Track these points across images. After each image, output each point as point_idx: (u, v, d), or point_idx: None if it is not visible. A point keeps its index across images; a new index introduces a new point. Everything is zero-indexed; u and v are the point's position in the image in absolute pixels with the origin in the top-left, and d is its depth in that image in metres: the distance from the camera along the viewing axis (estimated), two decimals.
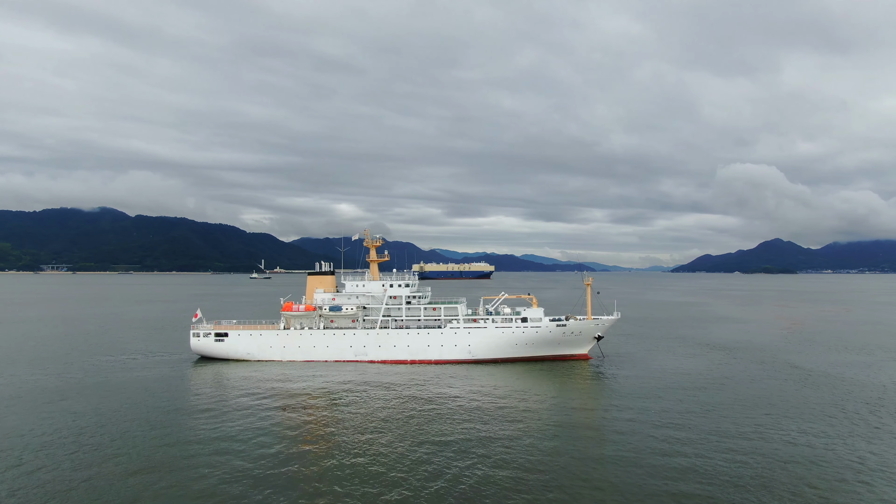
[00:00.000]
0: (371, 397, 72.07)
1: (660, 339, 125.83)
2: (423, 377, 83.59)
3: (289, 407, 66.90)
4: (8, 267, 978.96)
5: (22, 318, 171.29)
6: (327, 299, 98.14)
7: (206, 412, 63.61)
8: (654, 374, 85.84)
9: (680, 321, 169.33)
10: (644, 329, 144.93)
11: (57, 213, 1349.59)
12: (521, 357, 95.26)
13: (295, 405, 67.87)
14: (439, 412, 64.69)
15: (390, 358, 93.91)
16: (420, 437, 54.99)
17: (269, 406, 67.13)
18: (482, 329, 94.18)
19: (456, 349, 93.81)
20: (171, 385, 77.68)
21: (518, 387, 78.51)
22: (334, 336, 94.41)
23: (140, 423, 58.93)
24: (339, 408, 67.03)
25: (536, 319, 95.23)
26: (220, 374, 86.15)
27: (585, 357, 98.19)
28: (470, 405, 68.02)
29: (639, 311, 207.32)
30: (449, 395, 73.05)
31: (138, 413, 63.11)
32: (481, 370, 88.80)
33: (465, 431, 56.70)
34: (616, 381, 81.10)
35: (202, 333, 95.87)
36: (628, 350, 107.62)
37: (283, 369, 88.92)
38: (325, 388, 77.23)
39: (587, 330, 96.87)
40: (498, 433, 56.32)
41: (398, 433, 56.31)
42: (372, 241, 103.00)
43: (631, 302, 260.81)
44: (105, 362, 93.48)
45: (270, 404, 68.00)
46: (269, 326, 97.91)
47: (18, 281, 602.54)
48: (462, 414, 63.93)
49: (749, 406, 66.74)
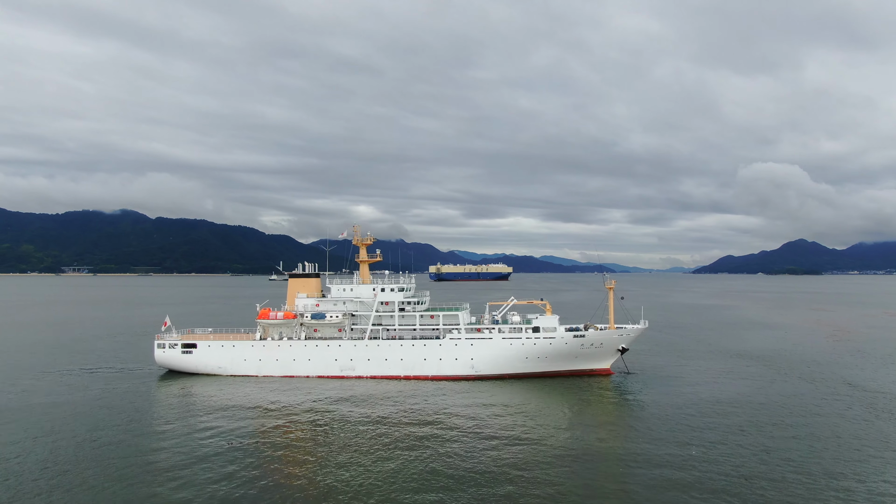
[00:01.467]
0: (356, 420, 61.45)
1: (690, 348, 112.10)
2: (418, 397, 71.49)
3: (260, 432, 56.23)
4: (31, 269, 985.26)
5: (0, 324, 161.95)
6: (310, 305, 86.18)
7: (160, 436, 51.98)
8: (688, 394, 72.62)
9: (709, 327, 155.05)
10: (671, 337, 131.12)
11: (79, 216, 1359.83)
12: (533, 373, 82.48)
13: (267, 429, 57.53)
14: (434, 440, 54.46)
15: (381, 373, 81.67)
16: (411, 469, 46.93)
17: (238, 430, 57.00)
18: (487, 340, 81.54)
19: (457, 363, 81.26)
20: (125, 405, 66.48)
21: (527, 409, 66.53)
22: (317, 348, 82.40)
23: (83, 457, 47.38)
24: (318, 434, 56.64)
25: (550, 329, 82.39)
26: (184, 391, 74.77)
27: (607, 372, 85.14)
28: (470, 431, 57.30)
29: (663, 315, 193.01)
30: (446, 420, 61.59)
31: (82, 441, 52.74)
32: (485, 388, 76.30)
33: (461, 464, 48.13)
34: (644, 405, 68.14)
35: (168, 344, 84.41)
36: (656, 363, 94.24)
37: (257, 386, 77.21)
38: (304, 409, 66.09)
39: (609, 341, 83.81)
40: (500, 467, 47.28)
41: (385, 465, 47.94)
42: (361, 238, 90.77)
43: (654, 305, 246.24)
44: (60, 377, 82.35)
45: (240, 428, 58.08)
46: (245, 336, 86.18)
47: (37, 283, 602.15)
48: (460, 443, 53.50)
49: (815, 445, 53.35)
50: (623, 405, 69.31)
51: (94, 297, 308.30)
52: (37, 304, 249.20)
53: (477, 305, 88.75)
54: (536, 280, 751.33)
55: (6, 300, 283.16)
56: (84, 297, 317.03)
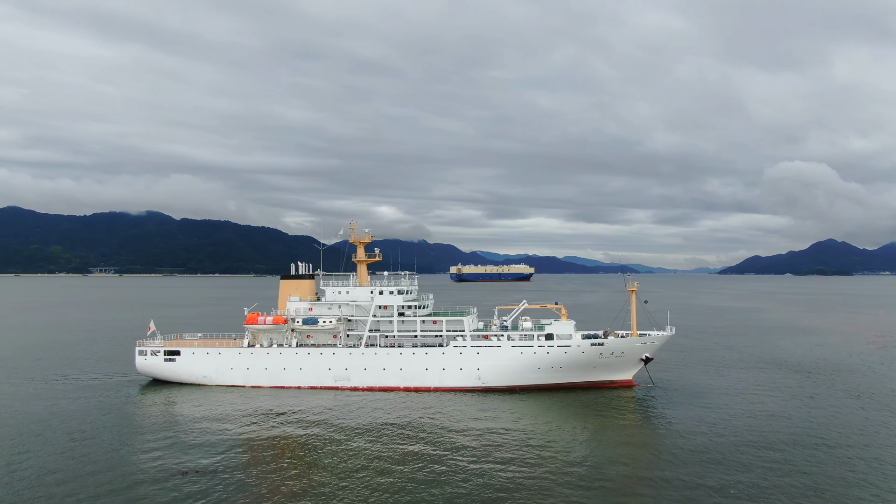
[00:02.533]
0: (349, 438, 55.14)
1: (719, 356, 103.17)
2: (418, 411, 64.53)
3: (242, 452, 49.79)
4: (59, 269, 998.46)
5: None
6: (303, 309, 79.33)
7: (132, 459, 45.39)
8: (720, 410, 64.36)
9: (740, 332, 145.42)
10: (699, 342, 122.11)
11: (106, 217, 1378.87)
12: (545, 384, 74.72)
13: (250, 449, 51.32)
14: (434, 460, 48.80)
15: (378, 384, 74.54)
16: (409, 494, 41.97)
17: (217, 447, 51.28)
18: (495, 348, 73.98)
19: (461, 374, 73.82)
20: (98, 421, 60.14)
21: (539, 425, 59.35)
22: (309, 356, 75.52)
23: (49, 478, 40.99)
24: (307, 454, 50.36)
25: (565, 336, 74.57)
26: (165, 402, 68.53)
27: (629, 384, 77.05)
28: (475, 451, 51.08)
29: (690, 318, 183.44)
30: (448, 437, 55.08)
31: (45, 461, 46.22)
32: (493, 402, 68.84)
33: (464, 487, 43.05)
34: (670, 422, 60.19)
35: (149, 351, 78.15)
36: (683, 373, 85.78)
37: (244, 398, 70.65)
38: (293, 424, 59.67)
39: (631, 349, 75.72)
40: (507, 491, 42.26)
41: (380, 486, 43.08)
42: (359, 236, 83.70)
43: (680, 307, 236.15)
44: (35, 386, 76.55)
45: (218, 447, 52.03)
46: (232, 343, 79.68)
47: (62, 283, 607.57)
48: (463, 464, 47.89)
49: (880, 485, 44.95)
50: (647, 423, 61.37)
51: (106, 298, 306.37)
52: (43, 306, 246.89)
53: (488, 309, 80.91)
54: (558, 281, 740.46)
55: (17, 301, 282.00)
56: (97, 297, 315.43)
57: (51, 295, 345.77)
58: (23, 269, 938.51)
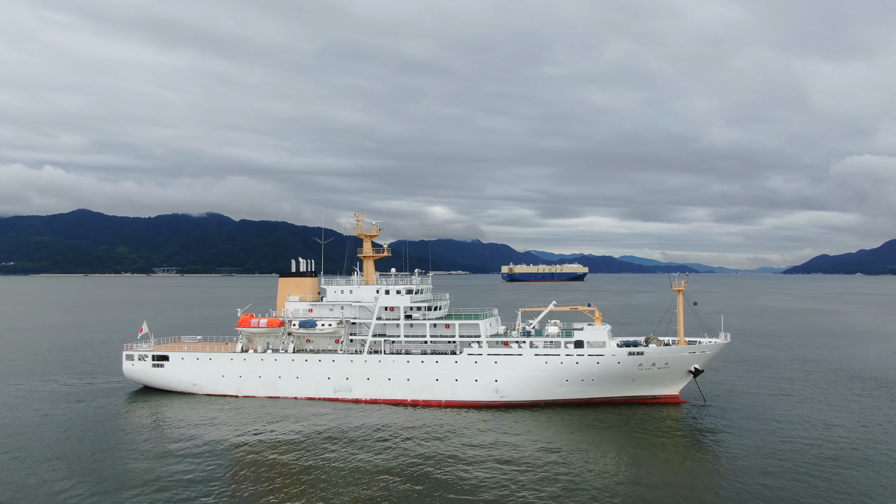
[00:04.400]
0: (346, 460, 47.06)
1: (784, 366, 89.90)
2: (425, 429, 55.83)
3: (226, 476, 41.89)
4: (124, 269, 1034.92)
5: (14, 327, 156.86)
6: (302, 310, 71.22)
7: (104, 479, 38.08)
8: (787, 435, 52.88)
9: (807, 337, 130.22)
10: (761, 349, 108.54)
11: (168, 219, 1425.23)
12: (574, 400, 64.37)
13: (234, 471, 43.34)
14: (443, 488, 41.51)
15: (383, 396, 65.72)
16: None
17: (197, 473, 43.66)
18: (515, 357, 64.08)
19: (476, 386, 64.22)
20: (73, 434, 53.62)
21: (565, 449, 49.73)
22: (307, 363, 67.31)
23: None
24: (294, 480, 42.25)
25: (598, 343, 64.02)
26: (148, 415, 61.58)
27: (675, 400, 65.89)
28: (490, 480, 42.97)
29: (751, 321, 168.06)
30: (459, 461, 46.80)
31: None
32: (512, 419, 59.19)
33: None
34: (726, 449, 49.58)
35: (137, 356, 71.46)
36: (741, 388, 73.67)
37: (234, 410, 63.05)
38: (283, 443, 51.26)
39: (677, 359, 64.54)
40: None
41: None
42: (365, 228, 75.05)
43: (740, 309, 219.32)
44: (19, 391, 70.97)
45: (202, 466, 45.12)
46: (225, 347, 72.32)
47: (127, 282, 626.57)
48: (477, 494, 40.54)
49: None
50: (696, 448, 50.55)
51: (158, 297, 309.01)
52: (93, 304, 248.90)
53: (508, 311, 71.15)
54: (612, 281, 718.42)
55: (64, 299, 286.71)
56: (148, 296, 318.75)
57: (103, 294, 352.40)
58: (91, 269, 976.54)
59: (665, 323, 71.80)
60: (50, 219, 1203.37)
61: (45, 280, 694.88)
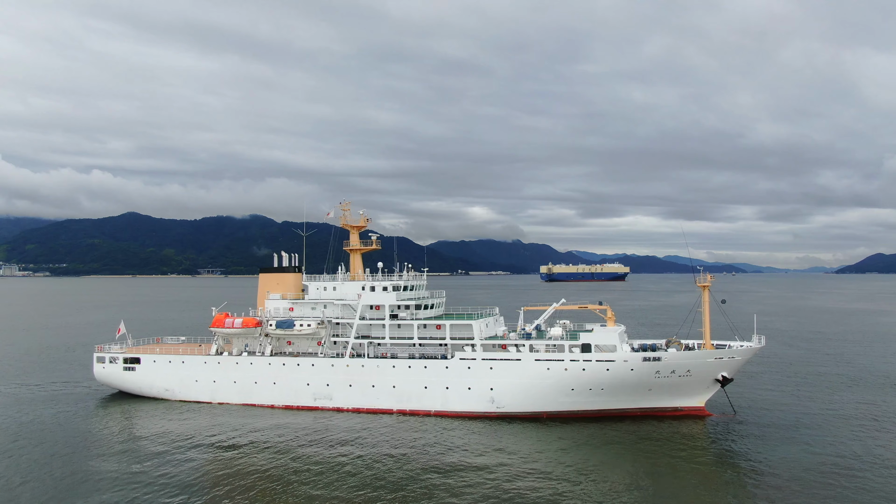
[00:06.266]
0: (315, 480, 40.87)
1: (830, 372, 79.47)
2: (409, 443, 48.88)
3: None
4: (170, 271, 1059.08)
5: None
6: (282, 309, 65.00)
7: None
8: (832, 454, 44.03)
9: (859, 340, 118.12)
10: (805, 354, 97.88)
11: (213, 221, 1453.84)
12: (582, 412, 56.36)
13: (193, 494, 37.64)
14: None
15: (367, 405, 58.93)
16: None
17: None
18: (513, 362, 56.45)
19: (470, 395, 56.82)
20: (27, 450, 48.19)
21: (569, 470, 42.56)
22: (284, 367, 61.01)
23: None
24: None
25: (608, 347, 55.89)
26: (113, 422, 56.28)
27: (700, 413, 57.27)
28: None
29: (796, 322, 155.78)
30: (449, 482, 40.03)
31: None
32: (510, 433, 51.85)
33: None
34: (756, 469, 41.98)
35: (108, 358, 66.34)
36: (779, 398, 64.32)
37: (209, 419, 57.13)
38: (247, 459, 45.03)
39: (701, 366, 55.91)
40: None
41: None
42: (352, 219, 68.41)
43: (786, 310, 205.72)
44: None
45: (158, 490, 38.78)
46: (199, 349, 66.68)
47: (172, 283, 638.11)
48: None
49: None
50: (724, 471, 42.69)
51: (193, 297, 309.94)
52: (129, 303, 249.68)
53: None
54: (654, 281, 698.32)
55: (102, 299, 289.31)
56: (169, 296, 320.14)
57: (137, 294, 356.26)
58: (139, 270, 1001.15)
59: (689, 324, 63.18)
60: (100, 222, 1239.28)
61: (94, 281, 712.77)
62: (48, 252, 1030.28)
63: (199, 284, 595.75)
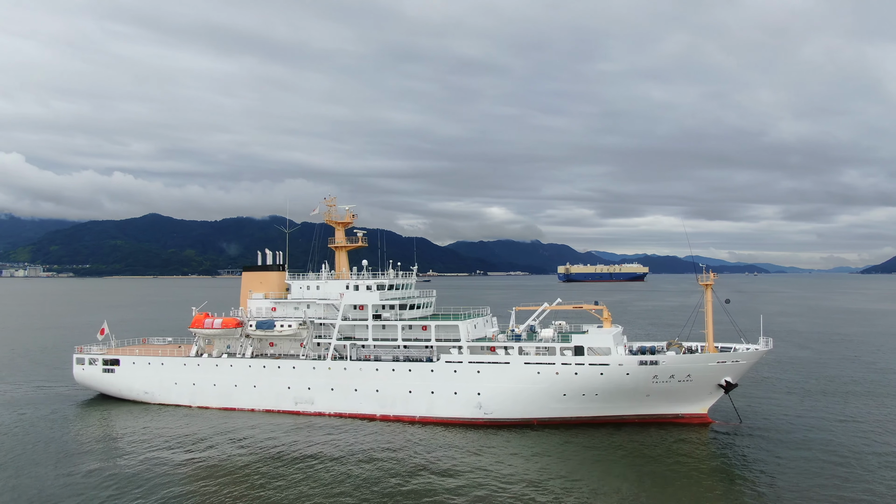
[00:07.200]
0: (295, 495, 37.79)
1: (850, 379, 75.12)
2: (391, 454, 46.06)
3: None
4: (191, 271, 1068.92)
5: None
6: (265, 309, 62.50)
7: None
8: (845, 462, 40.34)
9: (881, 344, 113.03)
10: (821, 357, 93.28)
11: (233, 222, 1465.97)
12: (575, 419, 53.04)
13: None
14: None
15: (349, 410, 56.19)
16: None
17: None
18: (502, 366, 53.31)
19: (456, 400, 53.78)
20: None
21: (560, 480, 39.56)
22: (264, 370, 58.48)
23: None
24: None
25: (602, 350, 52.50)
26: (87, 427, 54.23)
27: (703, 420, 53.67)
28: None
29: (817, 323, 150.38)
30: (433, 495, 37.02)
31: None
32: (497, 441, 48.88)
33: None
34: (765, 482, 38.96)
35: (88, 359, 64.34)
36: (789, 405, 60.39)
37: (186, 423, 54.87)
38: (217, 469, 42.47)
39: (702, 371, 52.30)
40: None
41: None
42: (337, 215, 65.77)
43: (807, 310, 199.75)
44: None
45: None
46: (179, 349, 64.48)
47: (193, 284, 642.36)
48: None
49: None
50: (727, 483, 39.34)
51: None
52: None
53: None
54: (674, 281, 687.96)
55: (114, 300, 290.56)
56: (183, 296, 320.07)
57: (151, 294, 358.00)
58: (160, 271, 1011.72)
59: (691, 326, 59.56)
60: (122, 223, 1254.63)
61: (115, 282, 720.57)
62: (72, 253, 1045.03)
63: (218, 285, 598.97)
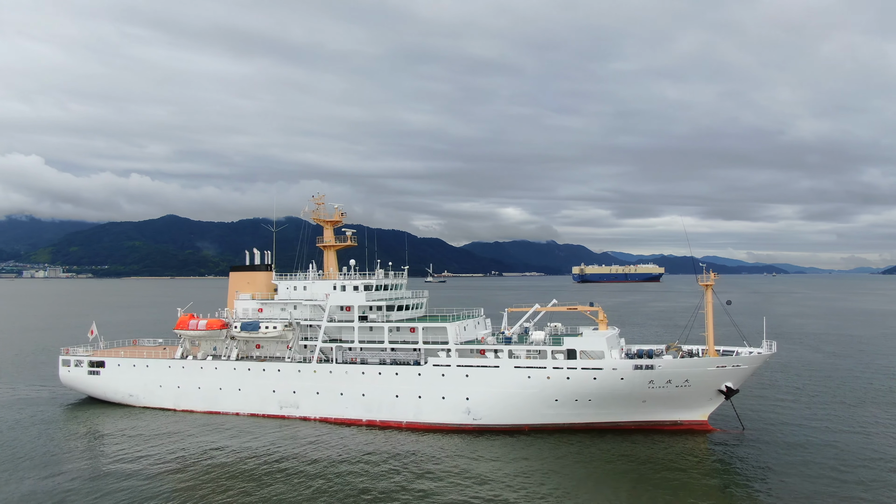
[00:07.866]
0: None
1: (862, 384, 71.92)
2: (376, 462, 43.95)
3: None
4: (208, 272, 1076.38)
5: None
6: (251, 310, 60.91)
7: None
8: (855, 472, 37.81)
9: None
10: (833, 360, 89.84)
11: (250, 223, 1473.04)
12: (567, 425, 50.83)
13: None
14: None
15: (335, 414, 54.42)
16: None
17: None
18: (491, 370, 51.22)
19: (444, 405, 51.77)
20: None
21: (552, 491, 37.57)
22: (249, 373, 56.87)
23: None
24: None
25: (595, 353, 50.21)
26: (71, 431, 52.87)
27: (703, 427, 51.21)
28: None
29: (832, 325, 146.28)
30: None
31: None
32: (486, 448, 46.84)
33: None
34: (767, 494, 35.61)
35: (74, 361, 63.18)
36: (795, 411, 57.59)
37: (170, 427, 53.41)
38: (204, 476, 40.75)
39: (700, 375, 49.84)
40: None
41: None
42: (325, 214, 64.03)
43: (824, 312, 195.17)
44: None
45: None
46: (164, 351, 63.09)
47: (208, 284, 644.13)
48: None
49: None
50: (728, 494, 36.79)
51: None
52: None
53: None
54: (690, 282, 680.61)
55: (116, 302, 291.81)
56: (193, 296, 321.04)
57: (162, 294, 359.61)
58: (178, 272, 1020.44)
59: (691, 328, 57.09)
60: (141, 224, 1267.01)
61: (132, 283, 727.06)
62: (90, 254, 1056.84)
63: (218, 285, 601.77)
